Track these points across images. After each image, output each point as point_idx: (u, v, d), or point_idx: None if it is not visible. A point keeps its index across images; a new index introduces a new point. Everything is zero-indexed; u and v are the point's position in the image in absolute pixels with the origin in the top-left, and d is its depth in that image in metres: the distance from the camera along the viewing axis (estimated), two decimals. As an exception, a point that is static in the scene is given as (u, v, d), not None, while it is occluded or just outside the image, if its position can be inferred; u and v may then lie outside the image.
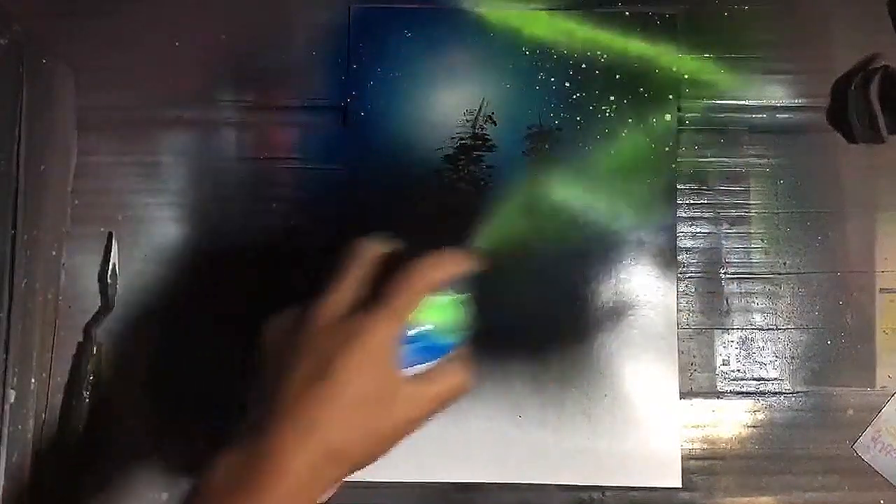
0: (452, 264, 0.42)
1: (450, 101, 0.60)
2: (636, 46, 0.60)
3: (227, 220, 0.60)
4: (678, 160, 0.60)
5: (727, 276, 0.59)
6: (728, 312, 0.59)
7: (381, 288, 0.40)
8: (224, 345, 0.59)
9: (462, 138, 0.60)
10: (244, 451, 0.38)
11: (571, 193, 0.59)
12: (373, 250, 0.43)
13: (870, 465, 0.57)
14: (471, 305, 0.44)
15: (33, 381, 0.58)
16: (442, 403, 0.41)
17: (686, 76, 0.60)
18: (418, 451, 0.57)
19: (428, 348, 0.41)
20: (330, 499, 0.41)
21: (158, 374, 0.59)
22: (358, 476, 0.57)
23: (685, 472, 0.57)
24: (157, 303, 0.59)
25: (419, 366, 0.41)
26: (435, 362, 0.42)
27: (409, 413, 0.40)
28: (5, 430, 0.57)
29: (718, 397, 0.58)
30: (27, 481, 0.57)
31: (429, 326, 0.41)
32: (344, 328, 0.39)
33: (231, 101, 0.60)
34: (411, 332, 0.41)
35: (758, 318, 0.59)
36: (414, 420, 0.41)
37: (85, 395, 0.58)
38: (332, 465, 0.38)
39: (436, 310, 0.42)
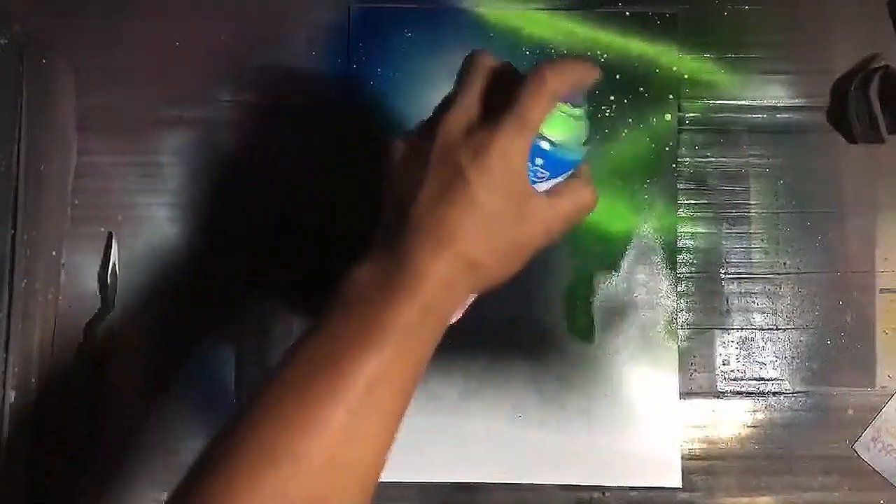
0: (579, 71, 0.40)
1: (450, 101, 0.60)
2: (636, 46, 0.60)
3: (227, 220, 0.60)
4: (678, 160, 0.60)
5: (727, 276, 0.59)
6: (728, 312, 0.59)
7: (509, 97, 0.38)
8: (224, 343, 0.59)
9: (462, 138, 0.60)
10: (381, 259, 0.38)
11: (571, 193, 0.59)
12: (490, 61, 0.41)
13: (870, 465, 0.57)
14: (590, 120, 0.42)
15: (33, 381, 0.58)
16: (570, 220, 0.41)
17: (686, 76, 0.60)
18: (418, 451, 0.57)
19: (553, 161, 0.40)
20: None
21: (159, 373, 0.59)
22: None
23: (685, 472, 0.57)
24: (157, 303, 0.59)
25: (546, 183, 0.40)
26: (561, 179, 0.41)
27: (541, 226, 0.39)
28: (5, 431, 0.57)
29: (718, 397, 0.58)
30: (28, 481, 0.57)
31: (554, 139, 0.40)
32: (475, 139, 0.38)
33: (231, 101, 0.60)
34: (537, 142, 0.39)
35: (758, 318, 0.59)
36: (545, 234, 0.40)
37: (86, 395, 0.57)
38: (468, 276, 0.38)
39: (560, 122, 0.40)
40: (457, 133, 0.38)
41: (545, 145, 0.40)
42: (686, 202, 0.60)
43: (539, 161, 0.40)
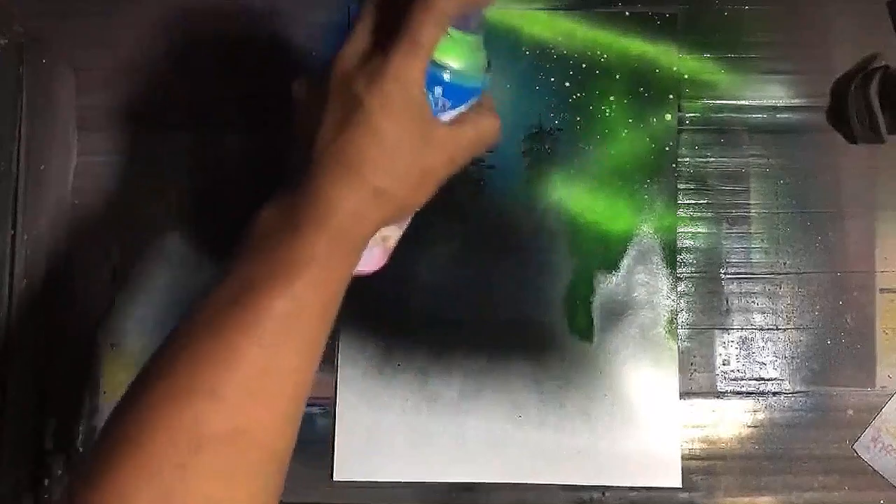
0: None
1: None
2: (636, 46, 0.60)
3: (227, 220, 0.60)
4: (678, 160, 0.60)
5: (727, 276, 0.59)
6: (728, 312, 0.59)
7: (400, 22, 0.38)
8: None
9: (462, 138, 0.60)
10: (290, 195, 0.38)
11: (571, 193, 0.59)
12: None
13: (870, 465, 0.57)
14: (487, 49, 0.42)
15: (33, 381, 0.58)
16: (474, 149, 0.41)
17: (686, 76, 0.60)
18: (418, 451, 0.57)
19: (453, 90, 0.40)
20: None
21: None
22: (357, 476, 0.57)
23: (685, 472, 0.57)
24: (157, 303, 0.59)
25: (448, 112, 0.40)
26: (464, 108, 0.41)
27: (444, 154, 0.40)
28: (7, 430, 0.57)
29: (718, 397, 0.58)
30: (28, 481, 0.57)
31: (452, 65, 0.40)
32: (369, 67, 0.38)
33: (231, 101, 0.60)
34: (435, 71, 0.39)
35: (758, 318, 0.59)
36: (449, 162, 0.40)
37: (85, 395, 0.58)
38: (374, 204, 0.38)
39: (456, 48, 0.40)
40: (352, 63, 0.38)
41: (443, 73, 0.39)
42: (686, 202, 0.60)
43: (438, 90, 0.39)
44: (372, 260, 0.44)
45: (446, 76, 0.40)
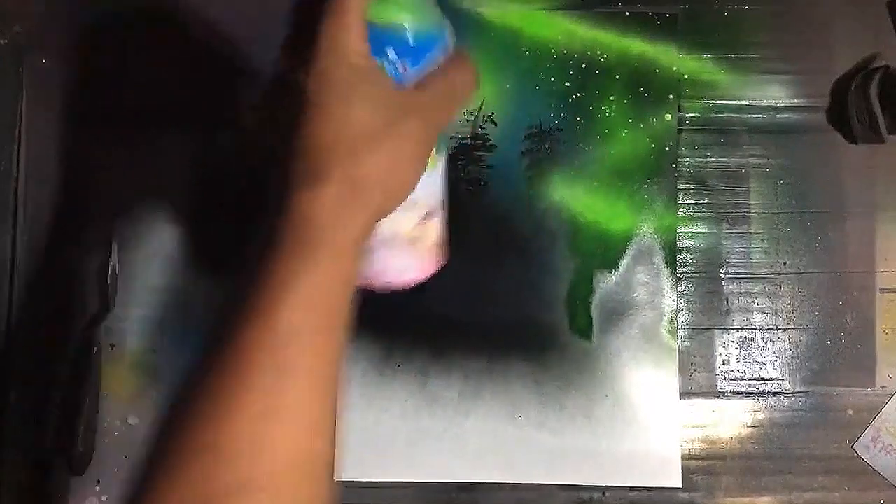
0: None
1: (450, 101, 0.60)
2: (636, 46, 0.60)
3: (227, 220, 0.60)
4: (678, 160, 0.60)
5: (727, 276, 0.59)
6: (728, 312, 0.59)
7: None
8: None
9: (462, 138, 0.60)
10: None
11: (571, 193, 0.59)
12: None
13: (870, 465, 0.57)
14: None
15: (34, 382, 0.58)
16: (451, 104, 0.37)
17: (686, 76, 0.60)
18: (418, 451, 0.57)
19: (406, 48, 0.35)
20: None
21: (158, 374, 0.59)
22: (357, 476, 0.57)
23: (685, 472, 0.57)
24: (156, 303, 0.59)
25: (411, 74, 0.35)
26: (427, 65, 0.36)
27: (417, 118, 0.34)
28: (7, 431, 0.57)
29: (718, 397, 0.58)
30: (27, 481, 0.57)
31: (398, 22, 0.35)
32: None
33: (231, 102, 0.60)
34: (381, 33, 0.34)
35: (758, 318, 0.59)
36: (426, 125, 0.35)
37: (85, 395, 0.57)
38: (358, 198, 0.33)
39: (401, 6, 0.35)
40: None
41: (390, 33, 0.35)
42: (686, 202, 0.60)
43: (391, 52, 0.35)
44: (412, 266, 0.40)
45: (395, 35, 0.35)
